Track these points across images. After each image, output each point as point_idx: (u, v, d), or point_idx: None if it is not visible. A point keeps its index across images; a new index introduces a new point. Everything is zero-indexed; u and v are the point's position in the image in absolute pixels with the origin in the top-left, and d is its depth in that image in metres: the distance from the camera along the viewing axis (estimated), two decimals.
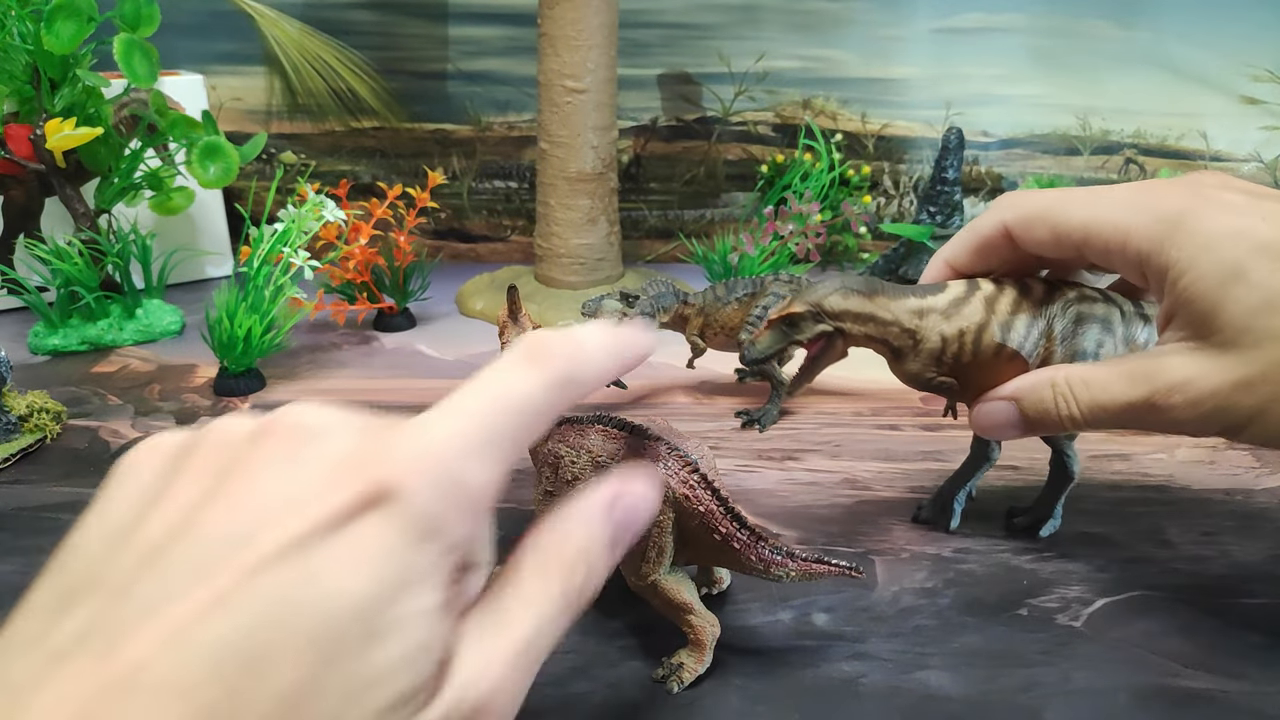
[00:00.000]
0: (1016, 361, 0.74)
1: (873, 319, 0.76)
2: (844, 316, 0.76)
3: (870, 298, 0.76)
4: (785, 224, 1.52)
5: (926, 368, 0.76)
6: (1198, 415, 0.62)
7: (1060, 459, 0.84)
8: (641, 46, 1.69)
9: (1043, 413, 0.69)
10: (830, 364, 0.80)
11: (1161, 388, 0.63)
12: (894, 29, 1.69)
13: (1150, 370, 0.64)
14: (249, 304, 1.15)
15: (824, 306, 0.76)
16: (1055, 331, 0.74)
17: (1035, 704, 0.66)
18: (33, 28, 1.17)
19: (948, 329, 0.74)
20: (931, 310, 0.75)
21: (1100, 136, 1.76)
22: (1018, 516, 0.88)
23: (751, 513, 0.90)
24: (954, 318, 0.74)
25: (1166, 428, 0.64)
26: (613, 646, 0.71)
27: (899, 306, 0.75)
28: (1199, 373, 0.62)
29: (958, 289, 0.76)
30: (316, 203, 1.25)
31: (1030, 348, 0.74)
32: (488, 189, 1.80)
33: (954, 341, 0.75)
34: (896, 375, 0.79)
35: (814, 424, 1.11)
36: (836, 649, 0.71)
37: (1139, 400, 0.64)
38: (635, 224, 1.81)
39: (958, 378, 0.76)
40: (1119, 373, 0.66)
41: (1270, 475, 0.98)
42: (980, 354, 0.74)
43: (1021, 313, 0.74)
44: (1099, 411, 0.67)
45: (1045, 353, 0.74)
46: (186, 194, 1.39)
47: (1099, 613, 0.76)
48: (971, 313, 0.74)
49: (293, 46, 1.67)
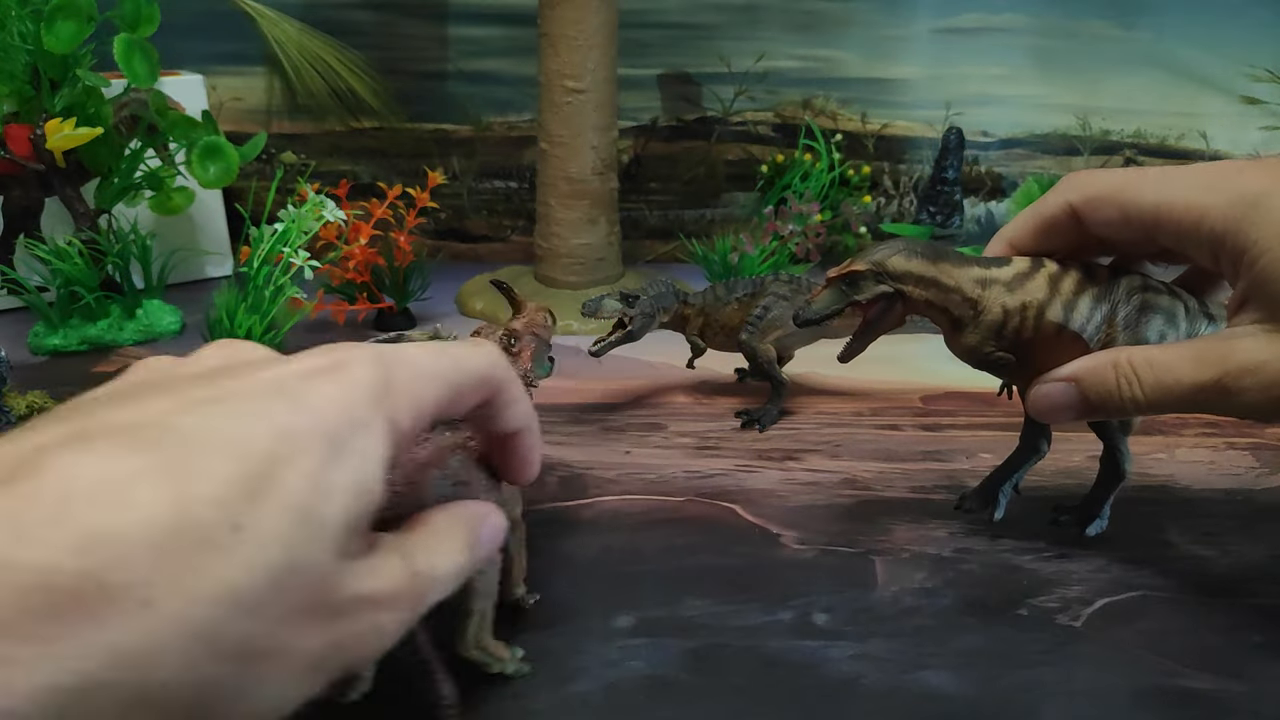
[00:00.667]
0: (1078, 343, 0.72)
1: (935, 283, 0.74)
2: (906, 278, 0.75)
3: (934, 262, 0.74)
4: (785, 224, 1.52)
5: (985, 341, 0.75)
6: (1270, 399, 0.61)
7: (1112, 455, 0.82)
8: (641, 46, 1.69)
9: (1105, 395, 0.67)
10: (887, 329, 0.78)
11: (1233, 369, 0.62)
12: (894, 29, 1.68)
13: (1222, 352, 0.63)
14: (249, 304, 1.15)
15: (887, 266, 0.75)
16: (1118, 317, 0.72)
17: (1035, 704, 0.66)
18: (33, 28, 1.17)
19: (1010, 302, 0.73)
20: (995, 281, 0.74)
21: (1100, 136, 1.76)
22: (1064, 515, 0.86)
23: (752, 513, 0.90)
24: (1017, 291, 0.73)
25: (1237, 411, 0.63)
26: (613, 646, 0.71)
27: (962, 274, 0.74)
28: (1274, 355, 0.60)
29: (1022, 264, 0.74)
30: (316, 203, 1.25)
31: (1093, 331, 0.72)
32: (488, 189, 1.80)
33: (1015, 315, 0.73)
34: (952, 349, 0.77)
35: (814, 424, 1.11)
36: (836, 649, 0.71)
37: (1208, 382, 0.63)
38: (635, 224, 1.81)
39: (1016, 355, 0.75)
40: (1187, 354, 0.64)
41: (1271, 475, 0.98)
42: (1041, 331, 0.73)
43: (1085, 294, 0.73)
44: (1164, 394, 0.65)
45: (1107, 338, 0.72)
46: (186, 194, 1.39)
47: (1099, 613, 0.76)
48: (1035, 288, 0.73)
49: (293, 46, 1.67)
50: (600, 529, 0.87)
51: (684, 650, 0.71)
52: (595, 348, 1.05)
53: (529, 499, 0.92)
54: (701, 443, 1.06)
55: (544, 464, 0.98)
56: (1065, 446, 1.01)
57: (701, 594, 0.78)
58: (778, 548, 0.85)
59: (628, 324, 1.05)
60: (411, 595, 0.45)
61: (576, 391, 1.19)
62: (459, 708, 0.59)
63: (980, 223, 1.81)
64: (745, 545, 0.85)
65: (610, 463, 1.00)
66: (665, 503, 0.92)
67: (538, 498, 0.93)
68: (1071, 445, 1.02)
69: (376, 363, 0.44)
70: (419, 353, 0.48)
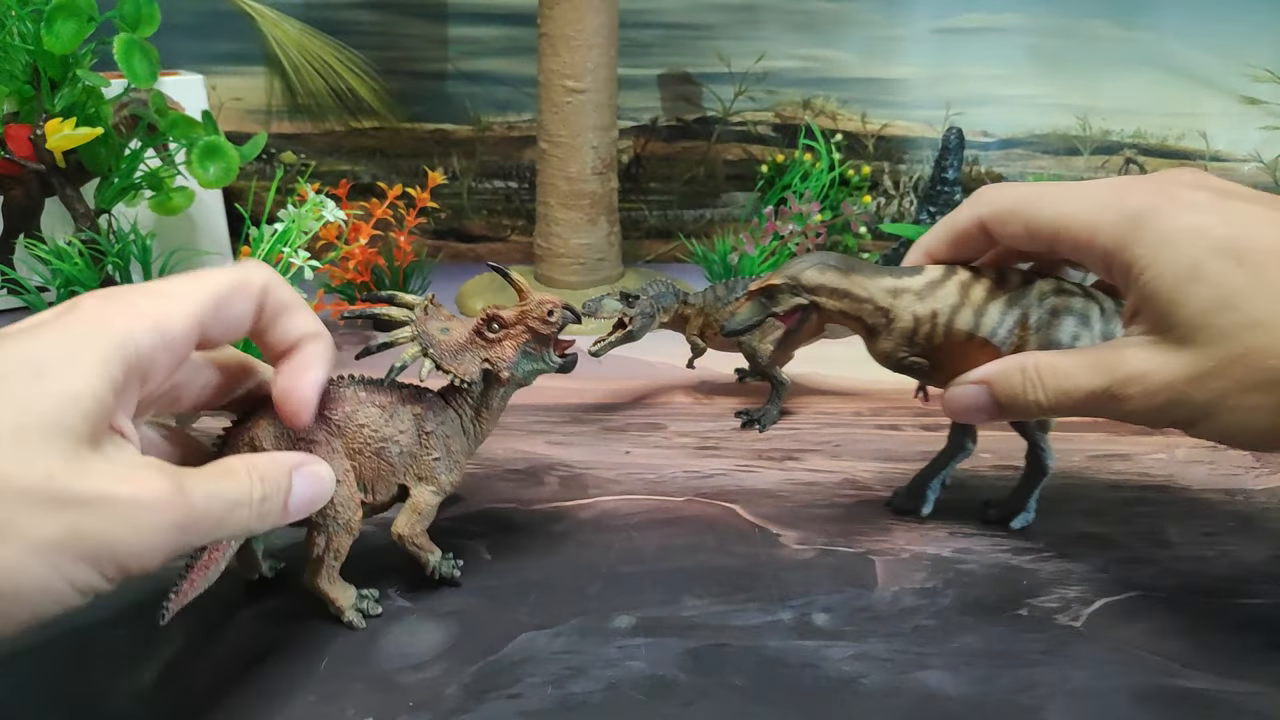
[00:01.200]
0: (988, 348, 0.76)
1: (848, 294, 0.78)
2: (820, 290, 0.78)
3: (847, 274, 0.78)
4: (785, 224, 1.52)
5: (899, 347, 0.78)
6: (1152, 407, 0.64)
7: (1035, 452, 0.86)
8: (641, 46, 1.69)
9: (1012, 397, 0.71)
10: (807, 340, 0.82)
11: (1120, 378, 0.65)
12: (894, 29, 1.69)
13: (1112, 361, 0.66)
14: None
15: (801, 280, 0.79)
16: (1030, 321, 0.76)
17: (1035, 704, 0.66)
18: (33, 28, 1.17)
19: (921, 309, 0.77)
20: (906, 290, 0.77)
21: (1100, 136, 1.76)
22: (992, 508, 0.90)
23: (752, 513, 0.90)
24: (928, 299, 0.77)
25: (1124, 417, 0.66)
26: (612, 646, 0.71)
27: (875, 284, 0.78)
28: (1155, 366, 0.63)
29: (935, 273, 0.78)
30: (316, 203, 1.25)
31: (1004, 335, 0.76)
32: (488, 189, 1.80)
33: (926, 322, 0.77)
34: (871, 354, 0.81)
35: (814, 424, 1.11)
36: (836, 649, 0.71)
37: (1099, 389, 0.66)
38: (635, 224, 1.81)
39: (930, 360, 0.78)
40: (1085, 362, 0.68)
41: (1270, 475, 0.98)
42: (952, 337, 0.77)
43: (996, 300, 0.76)
44: (1063, 398, 0.68)
45: (1020, 341, 0.76)
46: (186, 194, 1.39)
47: (1099, 613, 0.76)
48: (945, 296, 0.77)
49: (293, 46, 1.67)
50: (600, 529, 0.87)
51: (684, 650, 0.71)
52: (595, 348, 1.05)
53: (528, 499, 0.92)
54: (701, 443, 1.06)
55: (544, 464, 0.99)
56: (1061, 448, 1.01)
57: (701, 594, 0.78)
58: (778, 548, 0.85)
59: (628, 324, 1.05)
60: (176, 509, 0.51)
61: (576, 391, 1.19)
62: (167, 611, 0.63)
63: None
64: (745, 545, 0.85)
65: (610, 463, 1.00)
66: (665, 503, 0.92)
67: (538, 498, 0.93)
68: (1072, 446, 1.02)
69: (104, 298, 0.54)
70: (170, 281, 0.58)
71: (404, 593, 0.77)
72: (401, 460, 0.73)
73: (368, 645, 0.71)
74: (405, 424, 0.73)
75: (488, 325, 0.75)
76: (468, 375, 0.74)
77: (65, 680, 0.67)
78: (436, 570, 0.77)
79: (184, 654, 0.70)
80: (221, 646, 0.71)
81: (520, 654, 0.70)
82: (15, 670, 0.68)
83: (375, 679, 0.67)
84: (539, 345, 0.75)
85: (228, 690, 0.66)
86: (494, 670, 0.68)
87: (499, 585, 0.78)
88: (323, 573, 0.72)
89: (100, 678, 0.67)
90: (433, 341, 0.74)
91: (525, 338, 0.75)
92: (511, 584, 0.79)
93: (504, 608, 0.75)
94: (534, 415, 1.11)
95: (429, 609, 0.75)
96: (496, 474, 0.97)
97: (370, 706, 0.65)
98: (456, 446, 0.76)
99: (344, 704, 0.65)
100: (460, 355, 0.74)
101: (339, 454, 0.71)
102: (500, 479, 0.96)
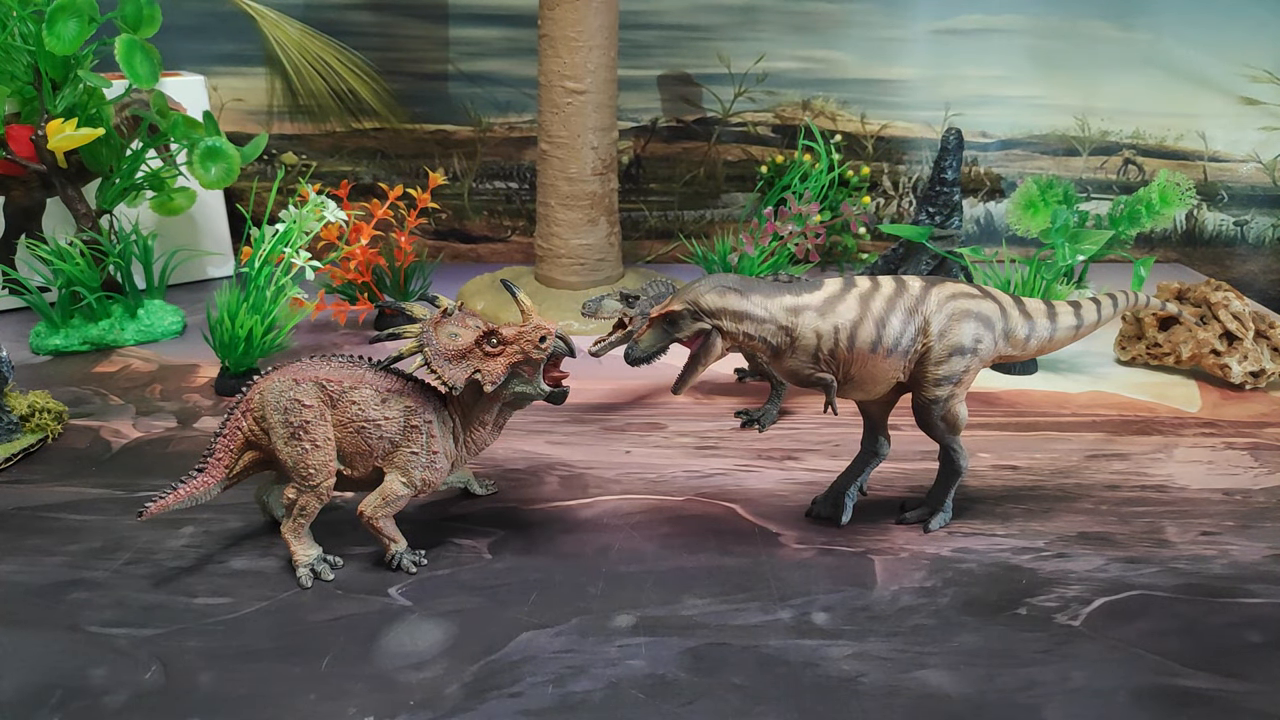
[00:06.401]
0: (892, 358, 0.77)
1: (748, 316, 0.77)
2: (720, 314, 0.78)
3: (745, 295, 0.78)
4: (785, 224, 1.52)
5: (804, 364, 0.78)
6: None
7: (947, 454, 0.86)
8: (641, 47, 1.69)
9: None
10: (711, 362, 0.81)
11: None
12: (894, 30, 1.69)
13: None
14: (250, 304, 1.15)
15: (700, 304, 0.78)
16: (932, 329, 0.77)
17: (1034, 703, 0.66)
18: (34, 28, 1.17)
19: (822, 326, 0.77)
20: (806, 307, 0.77)
21: (1099, 137, 1.76)
22: (909, 510, 0.89)
23: (752, 513, 0.91)
24: (828, 315, 0.77)
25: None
26: (613, 646, 0.71)
27: (774, 304, 0.78)
28: None
29: (833, 287, 0.78)
30: (318, 203, 1.25)
31: (906, 345, 0.77)
32: (488, 190, 1.80)
33: (829, 338, 0.77)
34: (777, 372, 0.81)
35: (814, 424, 1.11)
36: (836, 648, 0.71)
37: None
38: (635, 224, 1.81)
39: (837, 373, 0.79)
40: None
41: (1270, 475, 0.99)
42: (856, 350, 0.77)
43: (896, 310, 0.77)
44: None
45: (923, 348, 0.77)
46: (188, 194, 1.39)
47: (1098, 612, 0.76)
48: (846, 310, 0.77)
49: (294, 47, 1.67)
50: (600, 529, 0.87)
51: (684, 649, 0.71)
52: (595, 348, 1.05)
53: (529, 498, 0.93)
54: (701, 443, 1.06)
55: (544, 463, 1.00)
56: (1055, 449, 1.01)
57: (701, 594, 0.78)
58: (777, 547, 0.85)
59: (628, 324, 1.05)
60: None
61: (576, 391, 1.18)
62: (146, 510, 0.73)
63: (979, 223, 1.81)
64: (745, 545, 0.85)
65: (610, 463, 1.00)
66: (665, 502, 0.93)
67: (538, 497, 0.93)
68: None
69: None
70: None
71: (405, 592, 0.77)
72: (380, 445, 0.77)
73: (368, 644, 0.71)
74: (394, 413, 0.77)
75: (487, 339, 0.76)
76: (451, 380, 0.76)
77: (65, 680, 0.67)
78: (397, 558, 0.80)
79: (184, 653, 0.70)
80: (222, 645, 0.71)
81: (521, 653, 0.70)
82: (15, 668, 0.68)
83: (376, 678, 0.68)
84: (529, 369, 0.77)
85: (228, 689, 0.66)
86: (494, 669, 0.69)
87: (499, 585, 0.79)
88: (290, 525, 0.78)
89: (100, 677, 0.67)
90: (433, 342, 0.76)
91: (518, 359, 0.76)
92: (512, 583, 0.79)
93: (504, 607, 0.76)
94: (534, 415, 1.11)
95: (429, 608, 0.75)
96: (497, 474, 0.97)
97: (371, 705, 0.65)
98: (439, 449, 0.78)
99: (345, 703, 0.65)
100: (455, 361, 0.76)
101: (327, 422, 0.76)
102: (500, 479, 0.96)
